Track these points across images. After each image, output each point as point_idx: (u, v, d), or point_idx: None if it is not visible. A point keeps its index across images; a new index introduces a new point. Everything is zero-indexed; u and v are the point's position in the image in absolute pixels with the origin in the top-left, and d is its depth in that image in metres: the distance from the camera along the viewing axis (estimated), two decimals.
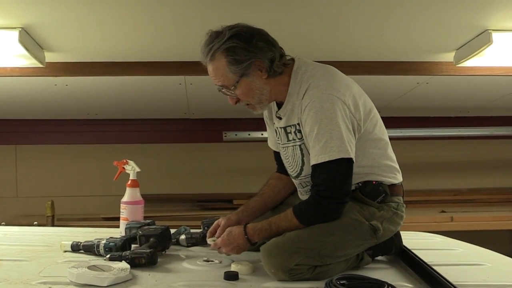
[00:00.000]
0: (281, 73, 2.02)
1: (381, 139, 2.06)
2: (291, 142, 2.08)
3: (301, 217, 1.93)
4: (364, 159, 2.00)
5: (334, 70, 2.06)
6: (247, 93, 2.01)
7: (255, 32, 1.97)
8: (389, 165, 2.07)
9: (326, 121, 1.87)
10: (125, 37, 3.23)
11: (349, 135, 1.90)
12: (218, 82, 2.01)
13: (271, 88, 2.03)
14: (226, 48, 1.92)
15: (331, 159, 1.86)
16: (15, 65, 3.47)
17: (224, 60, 1.94)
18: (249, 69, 1.95)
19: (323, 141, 1.87)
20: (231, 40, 1.92)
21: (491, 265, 2.15)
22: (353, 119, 1.93)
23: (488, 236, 5.08)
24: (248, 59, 1.93)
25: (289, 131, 2.08)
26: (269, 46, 1.97)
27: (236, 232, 2.03)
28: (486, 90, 4.74)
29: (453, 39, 3.30)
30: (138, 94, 4.78)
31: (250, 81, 1.98)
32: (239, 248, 2.01)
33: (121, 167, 2.63)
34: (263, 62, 1.95)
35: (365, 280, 1.72)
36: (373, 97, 2.19)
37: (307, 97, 1.93)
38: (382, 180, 2.03)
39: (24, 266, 2.02)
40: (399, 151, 2.21)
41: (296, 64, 2.05)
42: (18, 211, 5.84)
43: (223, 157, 6.21)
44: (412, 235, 2.80)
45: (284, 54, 2.04)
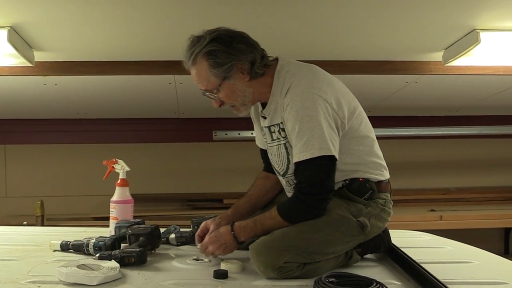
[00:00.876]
0: (263, 74, 2.04)
1: (367, 137, 2.08)
2: (276, 141, 2.10)
3: (284, 214, 1.94)
4: (350, 156, 2.02)
5: (316, 68, 2.08)
6: (230, 95, 2.04)
7: (235, 35, 2.00)
8: (375, 162, 2.08)
9: (307, 119, 1.89)
10: (114, 36, 3.23)
11: (332, 133, 1.91)
12: (201, 86, 2.04)
13: (254, 90, 2.05)
14: (206, 51, 1.95)
15: (312, 157, 1.88)
16: (4, 64, 3.46)
17: (205, 64, 1.97)
18: (231, 72, 1.98)
19: (305, 139, 1.89)
20: (211, 44, 1.95)
21: (479, 263, 2.16)
22: (336, 117, 1.94)
23: (477, 234, 5.11)
24: (229, 61, 1.96)
25: (273, 131, 2.10)
26: (250, 48, 2.00)
27: (223, 230, 2.04)
28: (475, 89, 4.77)
29: (441, 38, 3.32)
30: (127, 93, 4.77)
31: (233, 83, 2.00)
32: (226, 246, 2.01)
33: (110, 166, 2.63)
34: (244, 64, 1.98)
35: (354, 278, 1.72)
36: (362, 96, 2.20)
37: (289, 95, 1.95)
38: (368, 177, 2.04)
39: (13, 265, 2.01)
40: (388, 151, 2.23)
41: (279, 64, 2.06)
42: (8, 211, 5.82)
43: (213, 157, 6.21)
44: (401, 233, 2.81)
45: (266, 56, 2.06)
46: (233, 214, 2.22)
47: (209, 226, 2.15)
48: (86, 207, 5.82)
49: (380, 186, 2.06)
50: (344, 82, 2.12)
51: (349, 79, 3.84)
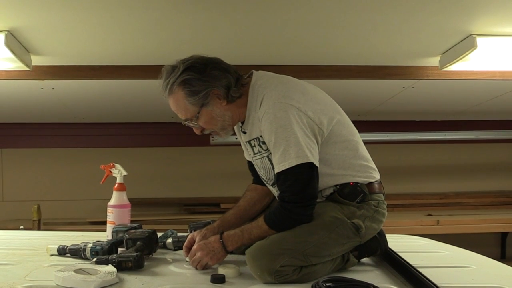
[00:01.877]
0: (240, 96, 2.06)
1: (350, 140, 2.08)
2: (258, 154, 2.12)
3: (271, 223, 1.96)
4: (335, 162, 2.03)
5: (288, 79, 2.11)
6: (209, 121, 2.07)
7: (208, 62, 2.02)
8: (362, 164, 2.08)
9: (281, 130, 1.91)
10: (112, 40, 3.23)
11: (308, 140, 1.92)
12: (181, 115, 2.07)
13: (232, 113, 2.08)
14: (181, 81, 1.98)
15: (290, 166, 1.90)
16: (1, 68, 3.45)
17: (181, 93, 2.00)
18: (207, 99, 2.00)
19: (281, 149, 1.91)
20: (185, 73, 1.97)
21: (475, 267, 2.16)
22: (312, 124, 1.95)
23: (474, 239, 5.14)
24: (204, 89, 1.98)
25: (253, 145, 2.12)
26: (224, 73, 2.02)
27: (212, 238, 2.06)
28: (471, 94, 4.78)
29: (438, 43, 3.33)
30: (125, 98, 4.78)
31: (211, 110, 2.03)
32: (214, 254, 2.01)
33: (108, 171, 2.63)
34: (220, 90, 2.01)
35: (351, 282, 1.73)
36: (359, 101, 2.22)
37: (262, 108, 1.98)
38: (358, 180, 2.04)
39: (10, 270, 2.00)
40: (385, 155, 2.24)
41: (254, 79, 2.09)
42: (4, 215, 5.81)
43: (210, 161, 6.22)
44: (397, 238, 2.82)
45: (241, 76, 2.08)
46: (219, 226, 2.22)
47: (195, 237, 2.16)
48: (83, 212, 5.82)
49: (371, 187, 2.07)
50: (341, 86, 2.13)
51: (346, 84, 3.91)
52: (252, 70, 2.13)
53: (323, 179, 2.01)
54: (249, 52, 3.49)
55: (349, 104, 2.19)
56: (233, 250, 2.05)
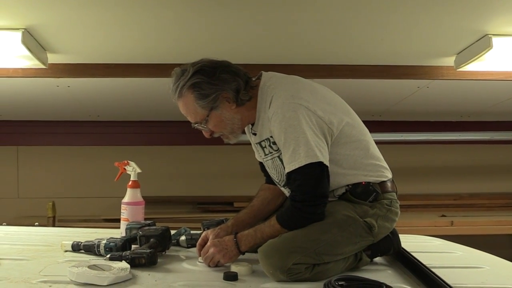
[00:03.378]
0: (249, 99, 2.07)
1: (361, 140, 2.08)
2: (269, 155, 2.12)
3: (283, 222, 1.96)
4: (346, 162, 2.03)
5: (297, 79, 2.11)
6: (219, 125, 2.08)
7: (218, 65, 2.03)
8: (373, 164, 2.08)
9: (290, 130, 1.92)
10: (127, 38, 3.25)
11: (317, 140, 1.92)
12: (190, 118, 2.09)
13: (242, 116, 2.09)
14: (191, 84, 1.99)
15: (300, 166, 1.90)
16: (18, 66, 3.49)
17: (191, 96, 2.01)
18: (217, 102, 2.01)
19: (291, 149, 1.92)
20: (195, 76, 1.98)
21: (489, 268, 2.14)
22: (322, 124, 1.95)
23: (488, 240, 5.09)
24: (214, 92, 1.99)
25: (264, 146, 2.12)
26: (233, 76, 2.02)
27: (226, 237, 2.07)
28: (487, 94, 4.75)
29: (453, 43, 3.31)
30: (139, 96, 4.80)
31: (220, 113, 2.04)
32: (226, 252, 2.02)
33: (122, 168, 2.64)
34: (229, 93, 2.01)
35: (364, 281, 1.72)
36: (374, 101, 2.21)
37: (271, 109, 1.98)
38: (370, 180, 2.04)
39: (24, 265, 2.02)
40: (400, 155, 2.23)
41: (263, 80, 2.09)
42: (20, 212, 5.86)
43: (224, 160, 6.22)
44: (411, 238, 2.81)
45: (250, 79, 2.09)
46: (233, 225, 2.23)
47: (208, 235, 2.17)
48: (97, 209, 5.86)
49: (383, 186, 2.06)
50: (355, 86, 2.13)
51: (360, 84, 3.89)
52: (261, 72, 2.14)
53: (335, 179, 2.01)
54: (263, 51, 3.49)
55: (363, 104, 2.19)
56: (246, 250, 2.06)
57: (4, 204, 5.98)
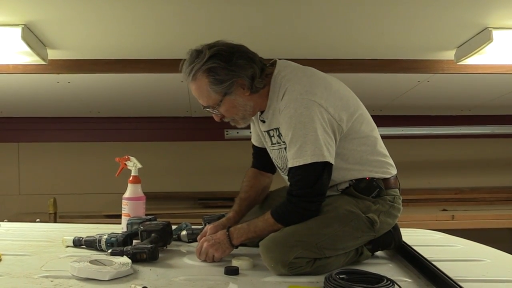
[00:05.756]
0: (263, 87, 2.05)
1: (369, 136, 2.07)
2: (276, 145, 2.12)
3: (277, 216, 1.97)
4: (352, 157, 2.03)
5: (313, 72, 2.08)
6: (231, 110, 2.06)
7: (235, 50, 1.99)
8: (379, 160, 2.08)
9: (300, 126, 1.90)
10: (127, 34, 3.24)
11: (327, 138, 1.92)
12: (202, 102, 2.05)
13: (254, 103, 2.07)
14: (207, 68, 1.94)
15: (305, 163, 1.90)
16: (18, 62, 3.49)
17: (206, 81, 1.97)
18: (232, 88, 1.98)
19: (298, 145, 1.91)
20: (211, 60, 1.94)
21: (490, 261, 2.15)
22: (332, 121, 1.94)
23: (489, 234, 5.08)
24: (230, 78, 1.96)
25: (272, 135, 2.12)
26: (250, 63, 1.99)
27: (219, 232, 2.08)
28: (488, 88, 4.74)
29: (453, 37, 3.31)
30: (140, 91, 4.79)
31: (233, 99, 2.02)
32: (219, 245, 2.02)
33: (122, 163, 2.64)
34: (245, 80, 1.98)
35: (365, 275, 1.72)
36: (374, 95, 2.20)
37: (283, 102, 1.96)
38: (374, 175, 2.04)
39: (26, 260, 2.03)
40: (400, 150, 2.22)
41: (277, 69, 2.07)
42: (21, 208, 5.86)
43: (224, 155, 6.22)
44: (412, 232, 2.81)
45: (265, 66, 2.06)
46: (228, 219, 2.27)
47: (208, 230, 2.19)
48: (98, 205, 5.85)
49: (387, 182, 2.07)
50: (355, 81, 2.12)
51: (360, 78, 3.89)
52: (275, 59, 2.11)
53: (339, 173, 2.01)
54: (263, 45, 3.43)
55: (363, 98, 2.17)
56: (246, 243, 2.07)
57: (5, 201, 5.97)
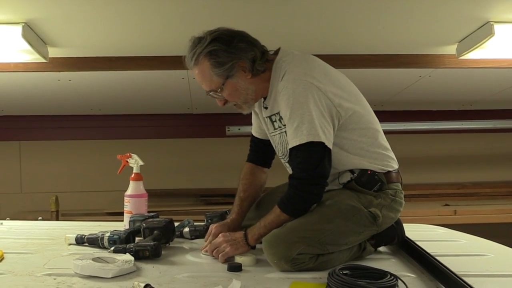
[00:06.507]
0: (264, 71, 2.07)
1: (370, 128, 2.08)
2: (277, 130, 2.13)
3: (281, 204, 1.97)
4: (352, 147, 2.03)
5: (313, 58, 2.10)
6: (233, 94, 2.07)
7: (236, 34, 2.04)
8: (380, 153, 2.08)
9: (297, 106, 1.92)
10: (128, 32, 3.24)
11: (323, 120, 1.92)
12: (205, 86, 2.08)
13: (256, 87, 2.09)
14: (208, 51, 1.98)
15: (301, 143, 1.91)
16: (19, 60, 3.48)
17: (207, 64, 2.00)
18: (233, 71, 2.01)
19: (295, 125, 1.92)
20: (212, 44, 1.98)
21: (493, 256, 2.14)
22: (331, 105, 1.95)
23: (492, 229, 5.06)
24: (230, 60, 1.99)
25: (274, 120, 2.13)
26: (250, 46, 2.03)
27: (238, 232, 2.08)
28: (489, 82, 4.73)
29: (455, 31, 3.29)
30: (141, 89, 4.79)
31: (235, 82, 2.04)
32: (233, 242, 2.02)
33: (124, 161, 2.64)
34: (246, 63, 2.01)
35: (368, 270, 1.72)
36: (376, 91, 2.20)
37: (282, 82, 1.98)
38: (375, 168, 2.04)
39: (29, 258, 2.03)
40: (401, 145, 2.22)
41: (279, 55, 2.09)
42: (23, 206, 5.85)
43: (226, 152, 6.21)
44: (414, 227, 2.81)
45: (266, 51, 2.09)
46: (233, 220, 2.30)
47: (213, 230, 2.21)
48: (100, 203, 5.85)
49: (389, 176, 2.07)
50: (356, 76, 2.12)
51: (361, 73, 3.88)
52: (280, 47, 2.13)
53: (339, 164, 2.02)
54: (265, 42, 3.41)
55: (365, 94, 2.18)
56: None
57: (7, 199, 5.97)
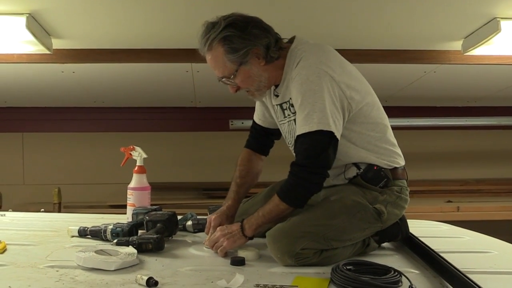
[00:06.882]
0: (278, 58, 2.05)
1: (379, 123, 2.07)
2: (287, 118, 2.11)
3: (280, 192, 1.95)
4: (360, 140, 2.03)
5: (329, 48, 2.08)
6: (246, 81, 2.05)
7: (250, 20, 2.01)
8: (388, 148, 2.07)
9: (309, 93, 1.90)
10: (132, 24, 3.23)
11: (334, 110, 1.90)
12: (218, 72, 2.05)
13: (269, 75, 2.06)
14: (222, 37, 1.95)
15: (311, 130, 1.88)
16: (22, 51, 3.47)
17: (221, 50, 1.98)
18: (247, 57, 1.99)
19: (305, 112, 1.90)
20: (226, 29, 1.95)
21: (498, 253, 2.14)
22: (343, 97, 1.94)
23: (494, 226, 5.06)
24: (245, 47, 1.97)
25: (285, 108, 2.11)
26: (264, 32, 2.01)
27: (234, 224, 2.08)
28: (494, 79, 4.72)
29: (461, 27, 3.28)
30: (144, 81, 4.78)
31: (249, 69, 2.02)
32: (230, 235, 2.00)
33: (128, 153, 2.63)
34: (260, 49, 1.99)
35: (372, 266, 1.72)
36: (380, 86, 2.19)
37: (296, 70, 1.97)
38: (381, 163, 2.03)
39: (31, 250, 2.03)
40: (405, 141, 2.21)
41: (294, 43, 2.07)
42: (25, 198, 5.86)
43: (229, 146, 6.17)
44: (418, 223, 2.80)
45: (280, 39, 2.07)
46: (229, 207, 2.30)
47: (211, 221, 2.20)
48: (103, 195, 5.86)
49: (395, 173, 2.06)
50: (361, 71, 2.11)
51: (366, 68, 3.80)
52: (295, 35, 2.12)
53: (345, 156, 2.01)
54: None
55: None
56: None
57: (9, 191, 5.96)
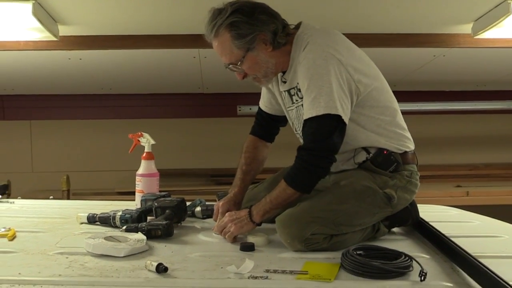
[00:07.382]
0: (285, 43, 2.03)
1: (388, 107, 2.05)
2: (295, 104, 2.10)
3: (287, 177, 1.94)
4: (369, 124, 2.01)
5: (336, 32, 2.07)
6: (253, 67, 2.04)
7: (257, 5, 1.99)
8: (397, 132, 2.05)
9: (316, 77, 1.88)
10: (139, 9, 3.21)
11: (342, 94, 1.88)
12: (225, 59, 2.04)
13: (276, 61, 2.05)
14: (229, 23, 1.94)
15: (318, 114, 1.87)
16: (29, 38, 3.47)
17: (228, 35, 1.96)
18: (254, 43, 1.97)
19: (312, 96, 1.88)
20: (233, 15, 1.94)
21: (508, 237, 2.12)
22: (350, 80, 1.92)
23: (504, 210, 5.02)
24: (252, 32, 1.95)
25: (293, 93, 2.09)
26: (271, 18, 1.99)
27: (243, 210, 2.07)
28: (505, 63, 4.67)
29: (471, 10, 3.25)
30: (152, 68, 4.77)
31: (256, 55, 2.00)
32: (238, 221, 1.99)
33: (136, 140, 2.63)
34: (267, 35, 1.98)
35: (383, 251, 1.71)
36: (389, 70, 2.17)
37: (303, 53, 1.95)
38: (391, 147, 2.02)
39: (41, 237, 2.03)
40: (414, 125, 2.20)
41: (301, 29, 2.06)
42: (34, 186, 5.88)
43: (237, 132, 6.16)
44: (428, 208, 2.78)
45: (287, 25, 2.05)
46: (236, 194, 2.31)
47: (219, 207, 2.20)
48: (111, 182, 5.88)
49: (405, 157, 2.04)
50: (370, 55, 2.09)
51: (374, 53, 3.79)
52: (301, 21, 2.10)
53: (355, 139, 2.00)
54: None
55: None
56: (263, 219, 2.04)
57: (18, 179, 5.97)
